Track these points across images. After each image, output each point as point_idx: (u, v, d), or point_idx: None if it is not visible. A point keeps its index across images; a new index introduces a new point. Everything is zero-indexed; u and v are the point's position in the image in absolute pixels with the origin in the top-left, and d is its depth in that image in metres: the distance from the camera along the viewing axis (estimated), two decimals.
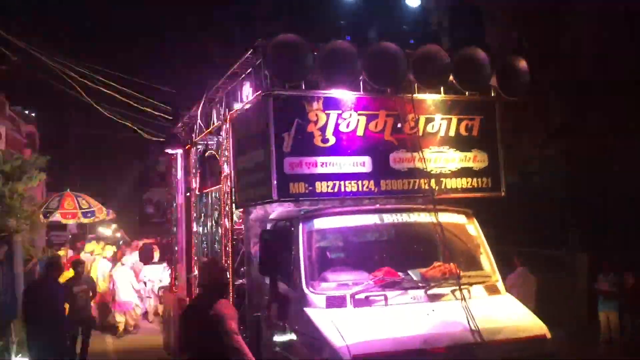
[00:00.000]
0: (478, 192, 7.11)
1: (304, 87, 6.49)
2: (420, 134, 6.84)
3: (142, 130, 14.34)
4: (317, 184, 6.47)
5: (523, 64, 6.98)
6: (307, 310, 5.76)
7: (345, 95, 6.62)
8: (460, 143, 7.04)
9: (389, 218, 6.61)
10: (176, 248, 10.72)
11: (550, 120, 13.60)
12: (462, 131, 7.05)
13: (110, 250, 17.31)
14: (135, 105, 13.48)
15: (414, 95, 6.80)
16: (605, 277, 11.82)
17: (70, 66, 12.68)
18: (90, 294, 11.10)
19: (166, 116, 12.93)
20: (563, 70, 12.66)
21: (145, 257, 13.88)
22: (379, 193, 6.71)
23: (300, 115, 6.44)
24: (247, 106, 7.02)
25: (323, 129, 6.52)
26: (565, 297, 12.39)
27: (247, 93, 7.14)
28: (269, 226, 6.93)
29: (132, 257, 15.04)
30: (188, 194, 9.84)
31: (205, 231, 8.91)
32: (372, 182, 6.66)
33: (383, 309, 5.80)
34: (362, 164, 6.65)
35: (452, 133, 7.02)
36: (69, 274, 11.19)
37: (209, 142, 9.00)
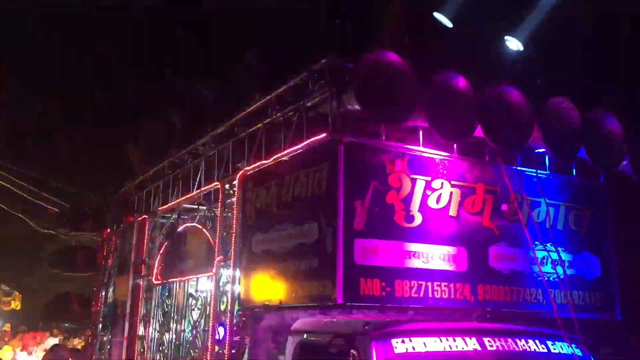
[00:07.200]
0: (589, 311, 5.10)
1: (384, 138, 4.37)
2: (525, 222, 4.84)
3: None
4: (398, 283, 4.21)
5: None
6: None
7: (437, 156, 4.54)
8: (569, 241, 5.10)
9: (490, 343, 4.39)
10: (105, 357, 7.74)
11: None
12: (572, 225, 5.14)
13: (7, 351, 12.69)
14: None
15: (519, 167, 4.88)
16: None
17: None
18: None
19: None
20: None
21: None
22: (475, 303, 4.55)
23: (379, 177, 4.26)
24: (286, 157, 4.72)
25: (407, 201, 4.36)
26: None
27: (280, 140, 4.88)
28: (298, 341, 4.46)
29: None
30: (138, 282, 7.11)
31: (169, 337, 6.19)
32: (467, 286, 4.53)
33: None
34: (454, 258, 4.50)
35: (560, 226, 5.08)
36: None
37: (182, 212, 6.54)
